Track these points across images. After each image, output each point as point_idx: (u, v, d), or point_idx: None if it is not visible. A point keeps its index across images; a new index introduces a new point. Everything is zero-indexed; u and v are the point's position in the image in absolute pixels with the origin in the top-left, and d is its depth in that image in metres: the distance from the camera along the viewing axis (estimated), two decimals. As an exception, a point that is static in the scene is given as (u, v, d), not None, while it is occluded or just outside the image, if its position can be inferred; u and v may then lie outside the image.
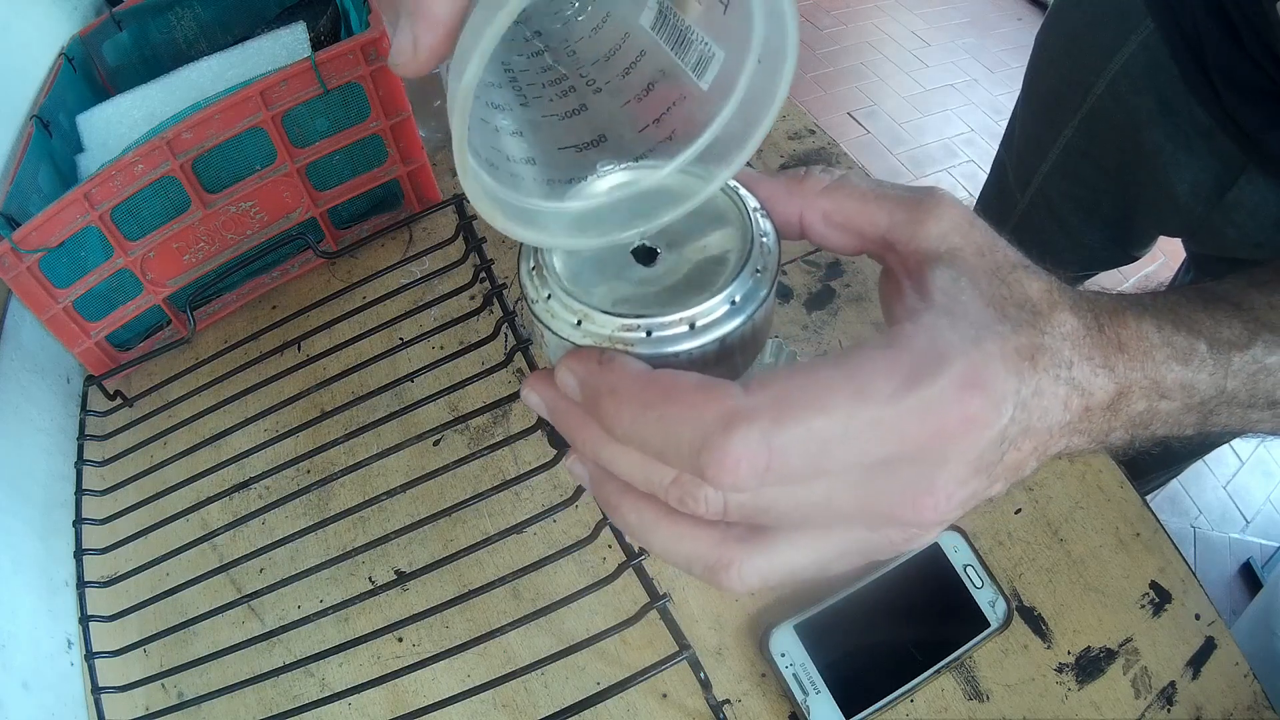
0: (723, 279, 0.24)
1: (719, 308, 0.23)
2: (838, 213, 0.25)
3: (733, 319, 0.23)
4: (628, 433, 0.21)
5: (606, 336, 0.23)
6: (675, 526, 0.23)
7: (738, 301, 0.23)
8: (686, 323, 0.23)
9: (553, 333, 0.24)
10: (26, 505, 0.49)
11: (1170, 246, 0.69)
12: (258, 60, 0.57)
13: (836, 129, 2.20)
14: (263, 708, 0.44)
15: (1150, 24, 0.55)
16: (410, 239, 0.65)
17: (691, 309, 0.23)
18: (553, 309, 0.24)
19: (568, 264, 0.25)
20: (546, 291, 0.24)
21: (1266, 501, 1.51)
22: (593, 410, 0.22)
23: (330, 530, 0.47)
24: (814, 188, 0.25)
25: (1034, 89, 0.72)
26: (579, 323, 0.23)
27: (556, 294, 0.24)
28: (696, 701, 0.42)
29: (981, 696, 0.42)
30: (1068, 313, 0.23)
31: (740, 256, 0.24)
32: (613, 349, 0.23)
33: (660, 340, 0.23)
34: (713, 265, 0.25)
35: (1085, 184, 0.68)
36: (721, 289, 0.23)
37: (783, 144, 0.69)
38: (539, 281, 0.25)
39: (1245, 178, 0.54)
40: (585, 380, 0.23)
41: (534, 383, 0.25)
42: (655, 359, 0.23)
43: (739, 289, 0.23)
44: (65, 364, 0.58)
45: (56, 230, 0.49)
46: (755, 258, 0.24)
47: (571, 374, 0.23)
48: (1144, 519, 0.47)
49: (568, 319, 0.24)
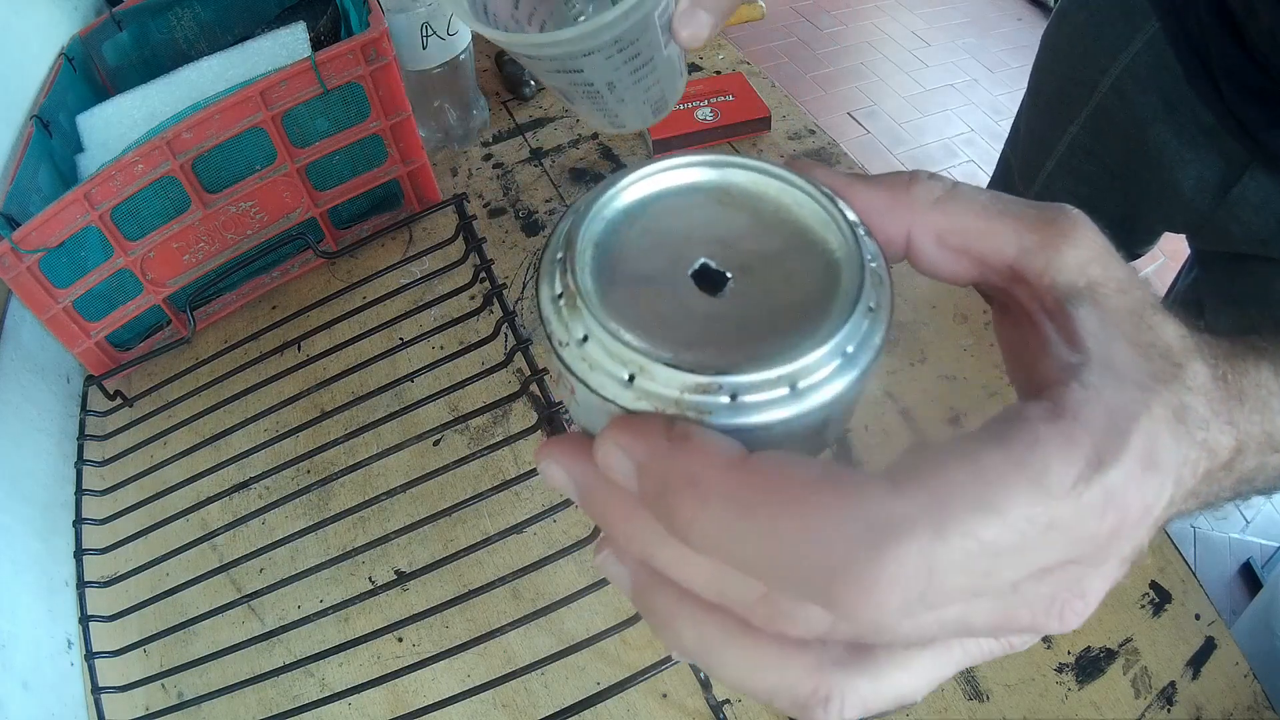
0: (829, 321, 0.17)
1: (828, 362, 0.17)
2: (955, 232, 0.20)
3: (843, 376, 0.17)
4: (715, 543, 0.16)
5: (672, 400, 0.17)
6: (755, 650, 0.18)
7: (850, 353, 0.17)
8: (786, 382, 0.16)
9: (591, 390, 0.17)
10: (26, 505, 0.49)
11: (1171, 247, 0.69)
12: (258, 60, 0.57)
13: (836, 129, 2.20)
14: (263, 708, 0.44)
15: (1155, 23, 0.55)
16: (410, 239, 0.65)
17: (792, 363, 0.16)
18: (591, 356, 0.17)
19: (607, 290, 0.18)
20: (582, 331, 0.17)
21: (1267, 501, 1.51)
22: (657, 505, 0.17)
23: (330, 530, 0.47)
24: (925, 198, 0.20)
25: (1039, 87, 0.72)
26: (631, 378, 0.17)
27: (598, 335, 0.17)
28: (696, 701, 0.42)
29: (981, 696, 0.42)
30: (1200, 362, 0.19)
31: (849, 290, 0.18)
32: (683, 417, 0.17)
33: (749, 407, 0.16)
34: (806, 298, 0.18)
35: (1089, 182, 0.68)
36: (830, 335, 0.17)
37: (783, 144, 0.69)
38: (570, 316, 0.18)
39: (1249, 174, 0.54)
40: (646, 464, 0.17)
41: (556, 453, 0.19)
42: (738, 432, 0.16)
43: (852, 335, 0.17)
44: (65, 364, 0.58)
45: (56, 230, 0.49)
46: (867, 292, 0.18)
47: (623, 452, 0.17)
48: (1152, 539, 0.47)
49: (614, 372, 0.17)
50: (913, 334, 0.55)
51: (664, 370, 0.17)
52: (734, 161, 0.21)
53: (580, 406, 0.18)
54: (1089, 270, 0.19)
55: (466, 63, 0.66)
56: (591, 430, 0.18)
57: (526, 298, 0.60)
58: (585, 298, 0.18)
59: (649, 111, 0.38)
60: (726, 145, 0.69)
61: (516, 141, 0.72)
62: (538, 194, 0.67)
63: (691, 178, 0.21)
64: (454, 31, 0.62)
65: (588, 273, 0.19)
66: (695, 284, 0.19)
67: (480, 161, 0.71)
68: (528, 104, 0.76)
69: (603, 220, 0.20)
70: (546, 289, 0.19)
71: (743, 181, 0.21)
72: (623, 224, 0.20)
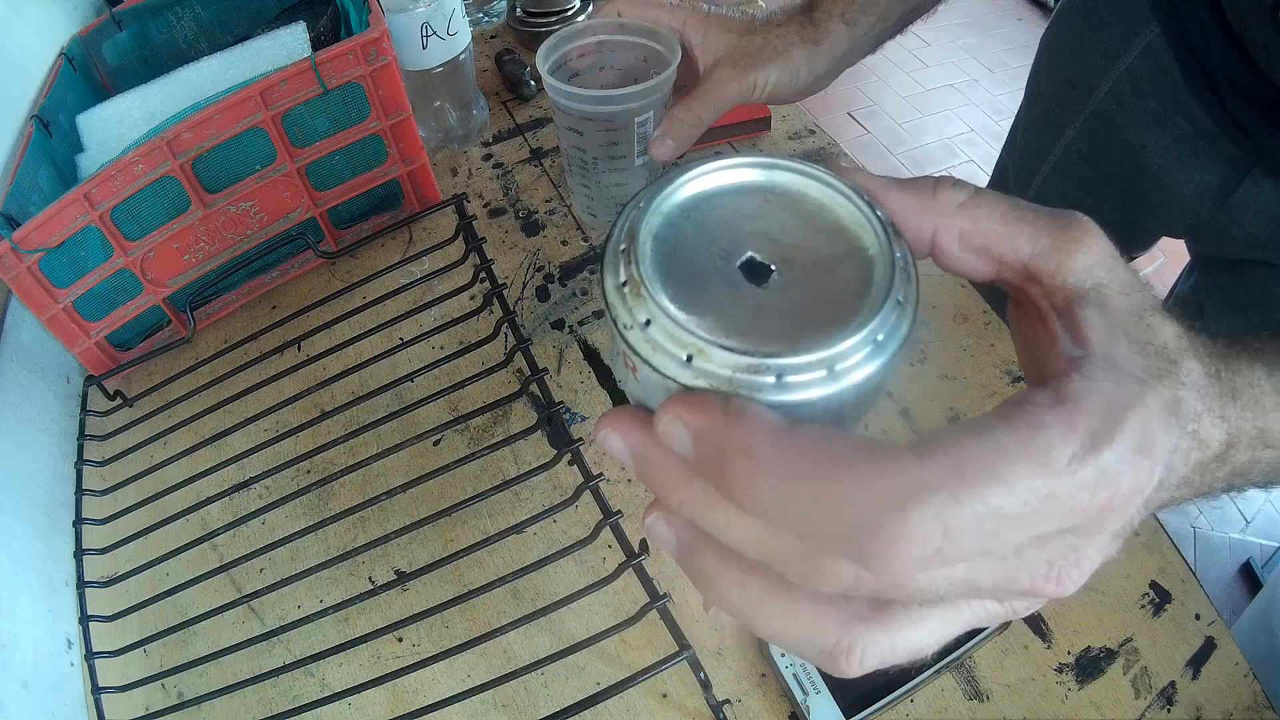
0: (863, 312, 0.20)
1: (861, 348, 0.19)
2: (976, 234, 0.22)
3: (873, 361, 0.19)
4: (765, 505, 0.18)
5: (725, 378, 0.19)
6: (791, 604, 0.20)
7: (880, 340, 0.19)
8: (824, 365, 0.19)
9: (653, 368, 0.20)
10: (26, 505, 0.49)
11: (1171, 248, 0.69)
12: (258, 60, 0.57)
13: (836, 129, 2.20)
14: (263, 708, 0.44)
15: (1155, 27, 0.55)
16: (410, 239, 0.65)
17: (831, 348, 0.19)
18: (654, 339, 0.19)
19: (665, 279, 0.21)
20: (645, 316, 0.20)
21: (1266, 501, 1.51)
22: (713, 472, 0.19)
23: (330, 530, 0.47)
24: (950, 202, 0.22)
25: (1037, 91, 0.72)
26: (689, 358, 0.19)
27: (660, 320, 0.19)
28: (696, 701, 0.42)
29: (981, 696, 0.42)
30: (1194, 360, 0.21)
31: (881, 284, 0.20)
32: (736, 395, 0.19)
33: (792, 386, 0.19)
34: (842, 290, 0.21)
35: (1085, 187, 0.68)
36: (863, 324, 0.19)
37: (782, 144, 0.69)
38: (634, 302, 0.20)
39: (1251, 179, 0.54)
40: (705, 435, 0.19)
41: (616, 423, 0.21)
42: (782, 408, 0.19)
43: (882, 325, 0.19)
44: (65, 364, 0.58)
45: (56, 230, 0.49)
46: (897, 286, 0.20)
47: (683, 424, 0.19)
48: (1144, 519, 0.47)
49: (675, 352, 0.19)
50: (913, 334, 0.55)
51: (719, 352, 0.19)
52: (779, 164, 0.23)
53: (641, 384, 0.21)
54: (1096, 273, 0.21)
55: (466, 63, 0.66)
56: (649, 405, 0.21)
57: (526, 298, 0.60)
58: (649, 286, 0.20)
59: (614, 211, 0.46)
60: (726, 145, 0.69)
61: (516, 141, 0.72)
62: (538, 194, 0.67)
63: (741, 177, 0.23)
64: (454, 31, 0.62)
65: (649, 263, 0.21)
66: (744, 275, 0.21)
67: (480, 161, 0.71)
68: (528, 104, 0.76)
69: (661, 215, 0.22)
70: (611, 278, 0.21)
71: (786, 182, 0.23)
72: (679, 218, 0.22)
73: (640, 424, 0.21)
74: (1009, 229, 0.22)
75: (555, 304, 0.60)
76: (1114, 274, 0.22)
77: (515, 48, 0.81)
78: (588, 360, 0.56)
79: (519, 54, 0.79)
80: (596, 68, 0.54)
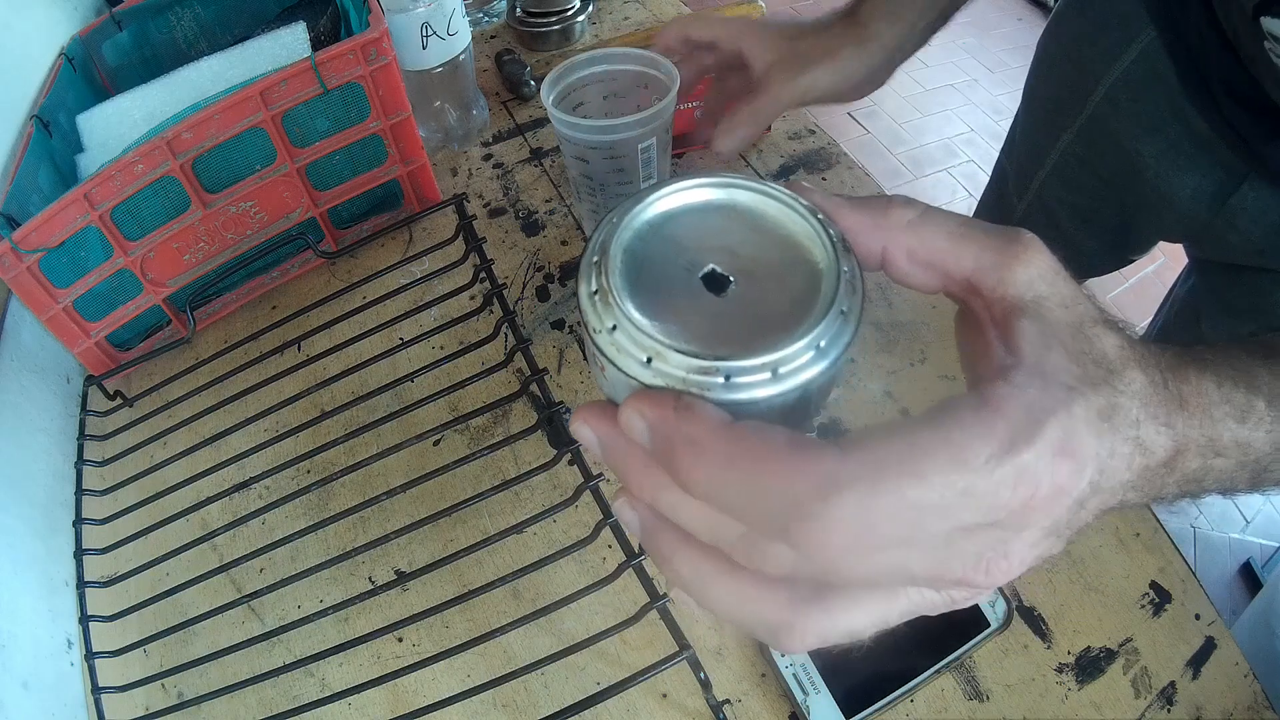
0: (807, 320, 0.22)
1: (803, 353, 0.21)
2: (923, 250, 0.24)
3: (816, 365, 0.21)
4: (705, 490, 0.20)
5: (680, 378, 0.21)
6: (737, 584, 0.22)
7: (822, 347, 0.21)
8: (769, 368, 0.21)
9: (617, 368, 0.22)
10: (26, 505, 0.49)
11: (1171, 248, 0.69)
12: (258, 60, 0.57)
13: (837, 129, 2.20)
14: (263, 708, 0.44)
15: (1151, 32, 0.55)
16: (410, 239, 0.65)
17: (774, 353, 0.21)
18: (619, 342, 0.22)
19: (633, 288, 0.23)
20: (611, 322, 0.22)
21: (1266, 501, 1.51)
22: (664, 459, 0.21)
23: (330, 530, 0.47)
24: (899, 220, 0.24)
25: (1034, 95, 0.72)
26: (649, 360, 0.21)
27: (624, 325, 0.22)
28: (696, 701, 0.42)
29: (981, 696, 0.42)
30: (1137, 370, 0.22)
31: (827, 295, 0.22)
32: (687, 393, 0.21)
33: (738, 386, 0.21)
34: (792, 300, 0.23)
35: (1083, 191, 0.68)
36: (806, 332, 0.21)
37: (783, 144, 0.69)
38: (603, 309, 0.22)
39: (1248, 184, 0.54)
40: (657, 427, 0.21)
41: (587, 416, 0.23)
42: (730, 405, 0.21)
43: (825, 333, 0.21)
44: (65, 364, 0.58)
45: (56, 230, 0.49)
46: (841, 298, 0.22)
47: (640, 417, 0.21)
48: (1144, 519, 0.47)
49: (636, 355, 0.22)
50: (913, 334, 0.55)
51: (675, 355, 0.21)
52: (739, 183, 0.25)
53: (609, 381, 0.23)
54: (1036, 287, 0.23)
55: (466, 63, 0.66)
56: (616, 400, 0.23)
57: (526, 298, 0.60)
58: (616, 295, 0.22)
59: None
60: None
61: (516, 141, 0.72)
62: (538, 194, 0.68)
63: (705, 196, 0.25)
64: (454, 31, 0.62)
65: (618, 274, 0.23)
66: (704, 285, 0.24)
67: (480, 161, 0.71)
68: (528, 104, 0.76)
69: (631, 230, 0.24)
70: (585, 286, 0.23)
71: (746, 200, 0.25)
72: (647, 233, 0.25)
73: (608, 417, 0.23)
74: (955, 245, 0.24)
75: (555, 304, 0.60)
76: (1055, 288, 0.23)
77: (515, 48, 0.81)
78: (587, 360, 0.56)
79: (519, 54, 0.79)
80: (600, 96, 0.56)
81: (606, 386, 0.24)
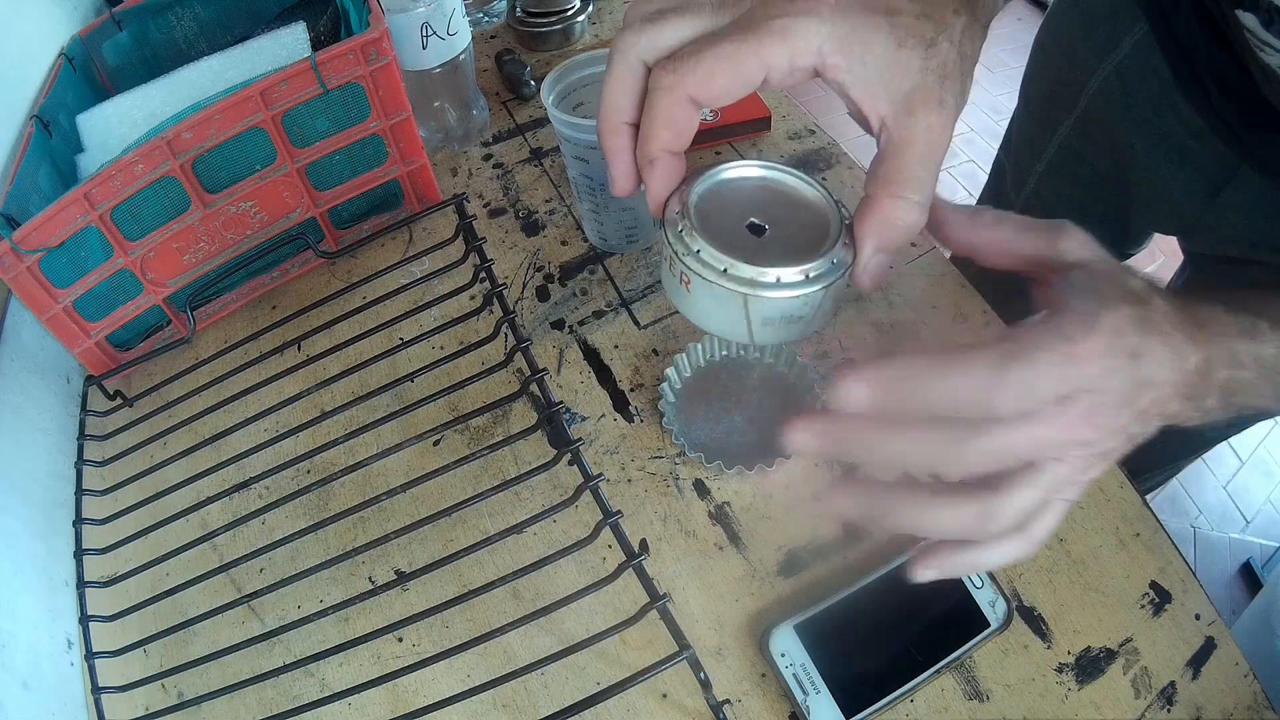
0: (824, 247, 0.32)
1: (823, 266, 0.32)
2: (1004, 240, 0.33)
3: (831, 275, 0.32)
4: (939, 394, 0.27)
5: (747, 280, 0.31)
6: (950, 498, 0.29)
7: (836, 262, 0.32)
8: (804, 273, 0.31)
9: (702, 278, 0.32)
10: (26, 505, 0.49)
11: (1170, 247, 0.69)
12: (258, 60, 0.57)
13: (837, 129, 2.19)
14: (263, 708, 0.44)
15: (1144, 26, 0.55)
16: (410, 239, 0.65)
17: (808, 264, 0.31)
18: (703, 259, 0.32)
19: (704, 228, 0.33)
20: (696, 247, 0.32)
21: (1266, 501, 1.51)
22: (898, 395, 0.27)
23: (330, 530, 0.47)
24: (987, 222, 0.33)
25: (1030, 91, 0.72)
26: (725, 270, 0.31)
27: (705, 248, 0.32)
28: (696, 701, 0.42)
29: (981, 696, 0.42)
30: (1160, 299, 0.29)
31: (834, 236, 0.33)
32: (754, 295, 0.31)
33: (785, 285, 0.31)
34: (808, 240, 0.33)
35: (1079, 184, 0.68)
36: (825, 252, 0.32)
37: (783, 144, 0.69)
38: (689, 239, 0.32)
39: (1239, 178, 0.54)
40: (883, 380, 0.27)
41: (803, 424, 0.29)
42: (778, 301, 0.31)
43: (836, 254, 0.32)
44: (65, 364, 0.58)
45: (56, 230, 0.49)
46: (843, 237, 0.33)
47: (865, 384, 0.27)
48: (1144, 519, 0.47)
49: (716, 266, 0.31)
50: (913, 334, 0.55)
51: (743, 265, 0.31)
52: (778, 167, 0.36)
53: (690, 294, 0.33)
54: (1079, 252, 0.31)
55: (466, 63, 0.66)
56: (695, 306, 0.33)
57: (526, 298, 0.60)
58: (699, 230, 0.32)
59: (623, 237, 0.60)
60: (726, 145, 0.69)
61: (516, 141, 0.72)
62: (538, 194, 0.67)
63: (751, 173, 0.36)
64: (454, 31, 0.62)
65: (695, 216, 0.33)
66: (748, 231, 0.34)
67: (480, 161, 0.71)
68: (528, 104, 0.76)
69: (698, 194, 0.34)
70: (672, 228, 0.33)
71: (780, 178, 0.36)
72: (711, 194, 0.35)
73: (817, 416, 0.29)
74: (1024, 235, 0.32)
75: (555, 304, 0.60)
76: (1094, 252, 0.31)
77: (515, 48, 0.81)
78: (588, 360, 0.56)
79: (519, 54, 0.79)
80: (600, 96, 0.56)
81: (686, 298, 0.33)
